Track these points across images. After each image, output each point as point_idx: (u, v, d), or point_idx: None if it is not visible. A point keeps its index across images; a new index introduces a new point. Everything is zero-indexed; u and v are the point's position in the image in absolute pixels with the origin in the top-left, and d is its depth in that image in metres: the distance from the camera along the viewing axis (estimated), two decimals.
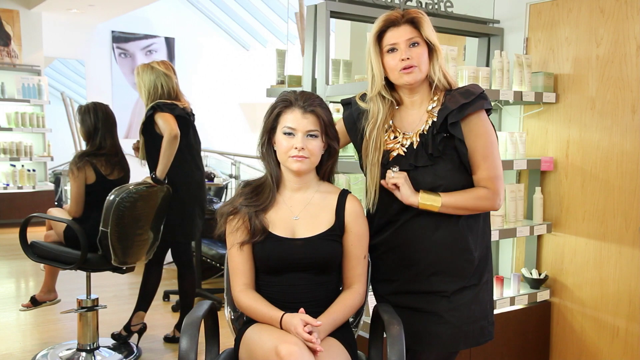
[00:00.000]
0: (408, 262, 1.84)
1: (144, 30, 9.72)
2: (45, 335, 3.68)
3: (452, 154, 1.78)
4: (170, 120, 3.21)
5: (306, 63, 2.77)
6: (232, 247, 1.86)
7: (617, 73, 2.89)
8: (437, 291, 1.81)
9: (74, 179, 3.22)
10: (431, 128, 1.79)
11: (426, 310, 1.83)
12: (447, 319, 1.81)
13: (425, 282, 1.82)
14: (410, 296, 1.85)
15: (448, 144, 1.78)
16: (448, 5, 3.03)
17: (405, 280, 1.85)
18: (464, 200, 1.76)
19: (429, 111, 1.81)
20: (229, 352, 1.91)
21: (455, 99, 1.76)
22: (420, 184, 1.78)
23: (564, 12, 3.08)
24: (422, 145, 1.79)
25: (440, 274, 1.81)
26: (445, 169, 1.78)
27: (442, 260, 1.81)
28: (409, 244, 1.83)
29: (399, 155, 1.82)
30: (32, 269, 5.26)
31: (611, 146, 2.92)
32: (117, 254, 3.04)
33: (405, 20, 1.77)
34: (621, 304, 2.91)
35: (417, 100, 1.84)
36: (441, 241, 1.80)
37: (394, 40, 1.76)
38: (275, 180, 1.88)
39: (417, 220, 1.81)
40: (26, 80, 7.66)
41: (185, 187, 3.40)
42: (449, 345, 1.83)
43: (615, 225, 2.91)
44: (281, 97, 1.86)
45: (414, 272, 1.83)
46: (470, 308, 1.83)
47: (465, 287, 1.83)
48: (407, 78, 1.77)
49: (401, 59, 1.75)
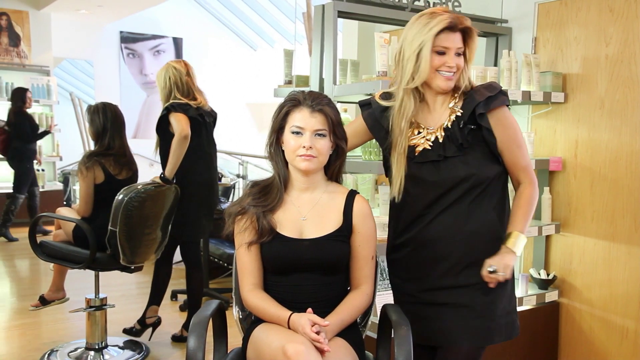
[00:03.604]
0: (439, 256, 1.81)
1: (152, 31, 9.75)
2: (53, 334, 3.70)
3: (481, 144, 1.80)
4: (182, 121, 3.24)
5: (314, 63, 2.77)
6: (240, 247, 1.86)
7: (626, 72, 2.87)
8: (470, 284, 1.79)
9: (83, 178, 3.24)
10: (456, 121, 1.81)
11: (459, 305, 1.80)
12: (480, 312, 1.79)
13: (457, 276, 1.80)
14: (441, 292, 1.82)
15: (476, 135, 1.80)
16: (456, 4, 3.03)
17: (435, 276, 1.82)
18: (528, 212, 1.82)
19: (451, 108, 1.84)
20: (237, 352, 1.92)
21: (481, 92, 1.80)
22: (452, 172, 1.79)
23: (573, 11, 3.07)
24: (449, 137, 1.81)
25: (472, 266, 1.79)
26: (475, 158, 1.80)
27: (475, 251, 1.79)
28: (440, 238, 1.81)
29: (424, 149, 1.82)
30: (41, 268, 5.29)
31: (620, 146, 2.90)
32: (125, 253, 3.06)
33: (460, 28, 1.78)
34: (630, 304, 2.89)
35: (440, 99, 1.86)
36: (474, 231, 1.79)
37: (448, 44, 1.77)
38: (283, 180, 1.88)
39: (447, 212, 1.80)
40: (35, 80, 7.70)
41: (192, 187, 3.41)
42: (482, 339, 1.80)
43: (625, 225, 2.89)
44: (289, 97, 1.87)
45: (446, 267, 1.81)
46: (502, 301, 1.82)
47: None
48: (444, 84, 1.80)
49: (448, 65, 1.77)
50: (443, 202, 1.80)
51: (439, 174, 1.80)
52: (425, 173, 1.81)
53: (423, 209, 1.83)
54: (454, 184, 1.79)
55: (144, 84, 9.78)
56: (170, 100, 3.33)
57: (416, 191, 1.83)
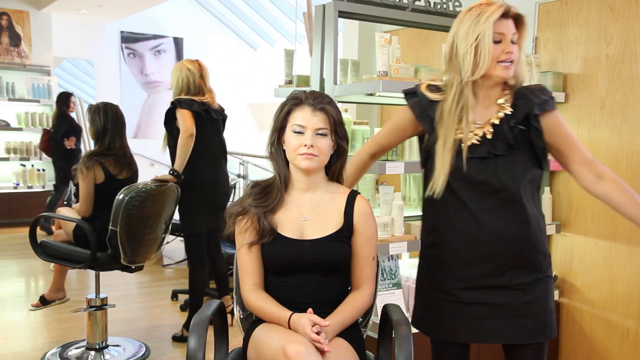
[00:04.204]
0: (486, 257, 1.78)
1: (152, 31, 9.75)
2: (54, 334, 3.71)
3: (528, 146, 1.78)
4: (187, 119, 3.33)
5: (314, 63, 2.77)
6: (241, 248, 1.86)
7: (627, 72, 2.87)
8: (513, 285, 1.78)
9: (83, 178, 3.24)
10: (505, 119, 1.78)
11: (502, 304, 1.79)
12: (523, 312, 1.78)
13: (501, 277, 1.78)
14: (484, 291, 1.80)
15: (524, 136, 1.77)
16: (457, 4, 3.02)
17: (478, 276, 1.79)
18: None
19: (499, 104, 1.80)
20: (238, 352, 1.92)
21: (535, 94, 1.78)
22: (499, 172, 1.76)
23: (574, 11, 3.06)
24: (497, 135, 1.77)
25: (516, 268, 1.78)
26: (522, 161, 1.78)
27: (520, 255, 1.77)
28: (485, 240, 1.77)
29: (473, 144, 1.78)
30: (42, 268, 5.29)
31: (621, 146, 2.90)
32: (126, 252, 3.06)
33: (512, 15, 1.75)
34: (631, 304, 2.89)
35: (490, 93, 1.81)
36: (521, 235, 1.77)
37: (504, 30, 1.73)
38: (284, 180, 1.88)
39: (493, 214, 1.77)
40: (36, 80, 7.71)
41: (193, 182, 3.46)
42: (529, 337, 1.79)
43: (625, 225, 2.89)
44: (291, 96, 1.87)
45: (490, 267, 1.78)
46: (546, 299, 1.82)
47: (540, 278, 1.80)
48: (504, 72, 1.75)
49: (506, 51, 1.73)
50: (488, 202, 1.76)
51: (485, 172, 1.76)
52: (472, 169, 1.76)
53: (466, 207, 1.78)
54: (500, 184, 1.75)
55: (145, 83, 9.78)
56: (176, 96, 3.45)
57: (459, 187, 1.78)
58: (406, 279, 2.77)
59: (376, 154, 2.04)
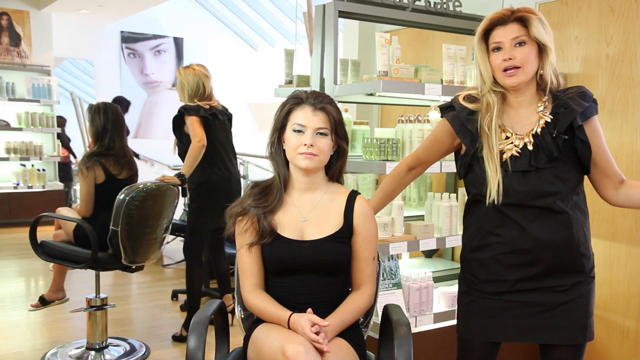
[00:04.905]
0: (531, 263, 1.76)
1: (152, 31, 9.76)
2: (54, 334, 3.71)
3: (572, 155, 1.74)
4: (197, 127, 3.37)
5: (314, 63, 2.77)
6: (241, 248, 1.86)
7: (627, 72, 2.87)
8: (554, 286, 1.77)
9: (84, 178, 3.24)
10: (545, 129, 1.74)
11: (541, 303, 1.78)
12: (562, 312, 1.78)
13: (543, 279, 1.77)
14: (524, 293, 1.79)
15: (567, 145, 1.73)
16: (457, 5, 3.02)
17: (519, 279, 1.78)
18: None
19: (539, 112, 1.76)
20: (239, 351, 1.92)
21: (577, 101, 1.73)
22: (542, 185, 1.72)
23: (574, 11, 3.06)
24: (538, 146, 1.73)
25: (559, 272, 1.77)
26: (566, 171, 1.74)
27: (564, 261, 1.76)
28: (535, 247, 1.74)
29: (512, 156, 1.75)
30: (42, 268, 5.29)
31: (621, 146, 2.90)
32: (127, 252, 3.07)
33: (514, 18, 1.72)
34: (631, 304, 2.89)
35: (525, 101, 1.78)
36: (565, 242, 1.75)
37: (499, 38, 1.72)
38: (283, 180, 1.88)
39: (538, 222, 1.74)
40: (36, 80, 7.71)
41: (210, 181, 3.51)
42: (566, 338, 1.79)
43: (625, 225, 2.89)
44: (292, 95, 1.87)
45: (533, 272, 1.77)
46: (587, 301, 1.81)
47: (583, 280, 1.80)
48: (509, 81, 1.72)
49: (504, 59, 1.71)
50: (531, 211, 1.73)
51: (528, 185, 1.73)
52: (514, 182, 1.73)
53: (509, 217, 1.76)
54: (544, 195, 1.72)
55: (145, 83, 9.78)
56: (187, 101, 3.48)
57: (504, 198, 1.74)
58: (406, 279, 2.77)
59: (414, 168, 2.01)
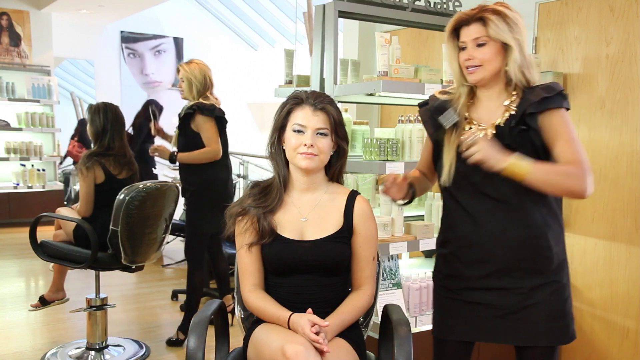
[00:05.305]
0: (485, 258, 1.78)
1: (152, 31, 9.75)
2: (54, 334, 3.71)
3: (528, 146, 1.75)
4: (214, 134, 3.42)
5: (314, 63, 2.77)
6: (241, 248, 1.86)
7: (627, 72, 2.87)
8: (513, 288, 1.77)
9: (84, 178, 3.24)
10: (508, 120, 1.77)
11: (502, 306, 1.79)
12: (521, 316, 1.78)
13: (501, 279, 1.78)
14: (484, 292, 1.80)
15: (525, 136, 1.75)
16: (457, 5, 3.02)
17: (479, 277, 1.80)
18: (554, 174, 1.67)
19: (507, 105, 1.79)
20: (239, 352, 1.92)
21: (537, 93, 1.75)
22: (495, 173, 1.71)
23: (574, 11, 3.06)
24: (498, 136, 1.76)
25: (517, 271, 1.77)
26: None
27: (521, 258, 1.76)
28: (488, 242, 1.77)
29: None
30: (42, 268, 5.29)
31: (621, 146, 2.90)
32: (127, 252, 3.07)
33: (476, 18, 1.75)
34: (631, 304, 2.89)
35: (493, 95, 1.82)
36: (521, 239, 1.75)
37: (463, 38, 1.78)
38: (283, 180, 1.88)
39: (492, 216, 1.76)
40: (36, 80, 7.71)
41: (212, 183, 3.51)
42: (528, 340, 1.79)
43: (625, 225, 2.89)
44: (292, 95, 1.87)
45: (490, 269, 1.78)
46: (551, 306, 1.79)
47: (545, 284, 1.78)
48: (470, 78, 1.78)
49: (464, 59, 1.77)
50: (486, 204, 1.76)
51: (480, 174, 1.74)
52: (469, 168, 1.75)
53: (464, 209, 1.79)
54: (495, 186, 1.74)
55: (145, 83, 9.78)
56: (199, 98, 3.46)
57: (457, 189, 1.80)
58: (406, 279, 2.77)
59: (426, 173, 2.04)
